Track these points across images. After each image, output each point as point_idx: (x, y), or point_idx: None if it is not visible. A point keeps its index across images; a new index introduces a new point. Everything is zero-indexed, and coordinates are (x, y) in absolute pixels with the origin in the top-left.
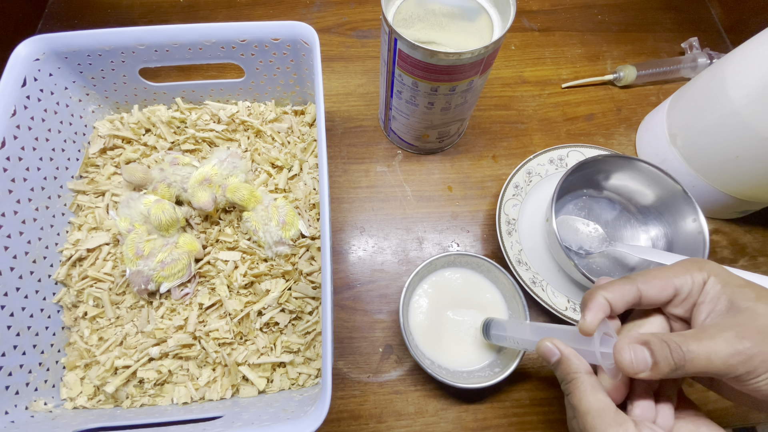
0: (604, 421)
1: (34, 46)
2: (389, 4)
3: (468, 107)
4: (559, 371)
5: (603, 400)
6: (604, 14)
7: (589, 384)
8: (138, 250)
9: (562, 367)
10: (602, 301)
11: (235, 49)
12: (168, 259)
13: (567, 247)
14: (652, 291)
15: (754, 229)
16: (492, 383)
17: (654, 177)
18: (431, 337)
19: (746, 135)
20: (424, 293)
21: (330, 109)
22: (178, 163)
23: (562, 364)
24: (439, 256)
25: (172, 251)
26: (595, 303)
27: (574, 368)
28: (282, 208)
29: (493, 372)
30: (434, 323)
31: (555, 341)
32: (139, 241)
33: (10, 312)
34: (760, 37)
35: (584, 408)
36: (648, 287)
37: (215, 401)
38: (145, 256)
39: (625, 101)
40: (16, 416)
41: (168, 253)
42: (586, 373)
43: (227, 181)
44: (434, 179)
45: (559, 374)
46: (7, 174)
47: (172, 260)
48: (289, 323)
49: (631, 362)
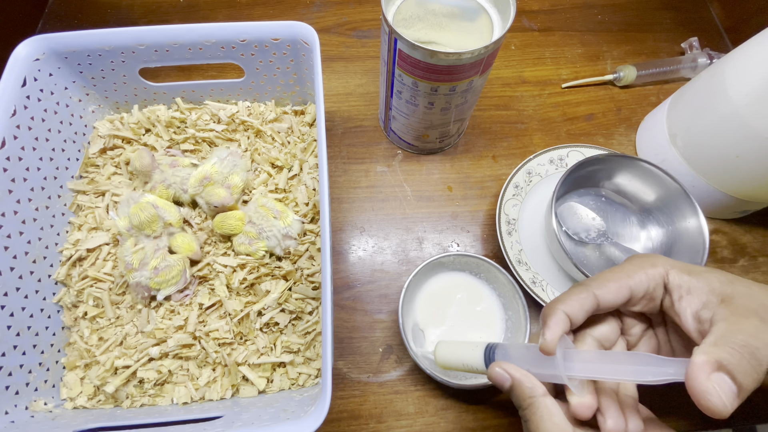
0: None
1: (34, 46)
2: (389, 4)
3: (468, 107)
4: (514, 397)
5: (560, 424)
6: (604, 14)
7: (546, 408)
8: (128, 264)
9: (515, 393)
10: (562, 317)
11: (235, 49)
12: (162, 265)
13: (566, 231)
14: (609, 295)
15: (754, 229)
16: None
17: (654, 177)
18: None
19: (746, 135)
20: (423, 294)
21: (330, 109)
22: (177, 165)
23: (515, 389)
24: (439, 257)
25: (165, 257)
26: (555, 319)
27: (528, 392)
28: (268, 203)
29: None
30: (434, 323)
31: (504, 365)
32: (126, 255)
33: (10, 312)
34: (760, 37)
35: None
36: (603, 292)
37: (215, 401)
38: (137, 268)
39: (625, 101)
40: (16, 416)
41: (161, 259)
42: (542, 396)
43: (228, 180)
44: (434, 179)
45: (514, 400)
46: (7, 174)
47: (166, 266)
48: (289, 323)
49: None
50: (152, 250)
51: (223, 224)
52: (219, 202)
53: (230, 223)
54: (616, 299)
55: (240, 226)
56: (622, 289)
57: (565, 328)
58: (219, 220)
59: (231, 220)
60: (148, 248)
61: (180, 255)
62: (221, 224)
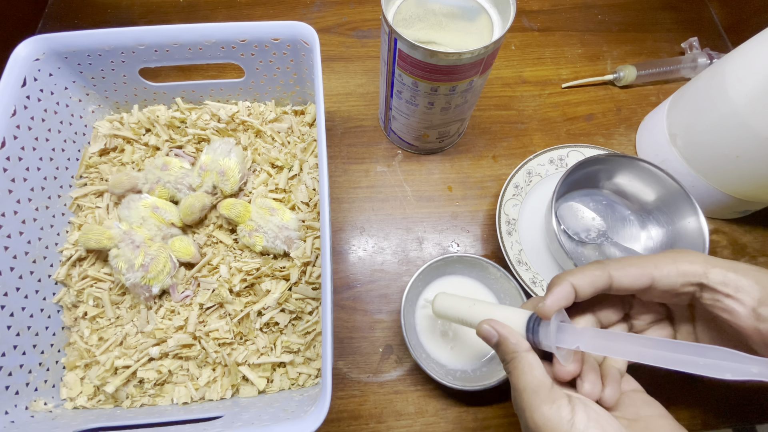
0: (538, 398)
1: (34, 46)
2: (389, 4)
3: (468, 107)
4: (499, 352)
5: (539, 377)
6: (604, 14)
7: (527, 362)
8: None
9: (501, 348)
10: (568, 288)
11: (235, 49)
12: (147, 260)
13: (566, 231)
14: (626, 279)
15: (754, 229)
16: (492, 385)
17: (654, 177)
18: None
19: (746, 135)
20: (424, 295)
21: (330, 109)
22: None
23: (500, 344)
24: (440, 258)
25: (146, 251)
26: (560, 289)
27: (512, 347)
28: (266, 202)
29: (494, 371)
30: (435, 324)
31: (492, 323)
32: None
33: (10, 312)
34: (760, 37)
35: (521, 385)
36: (622, 274)
37: (215, 401)
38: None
39: (625, 101)
40: (16, 416)
41: (143, 255)
42: (525, 351)
43: (222, 163)
44: (434, 179)
45: (500, 354)
46: (7, 174)
47: (151, 259)
48: (289, 323)
49: None
50: (130, 250)
51: (232, 207)
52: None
53: (238, 209)
54: (633, 285)
55: (246, 215)
56: (643, 277)
57: (568, 299)
58: (229, 203)
59: (239, 207)
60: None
61: (159, 243)
62: (230, 207)
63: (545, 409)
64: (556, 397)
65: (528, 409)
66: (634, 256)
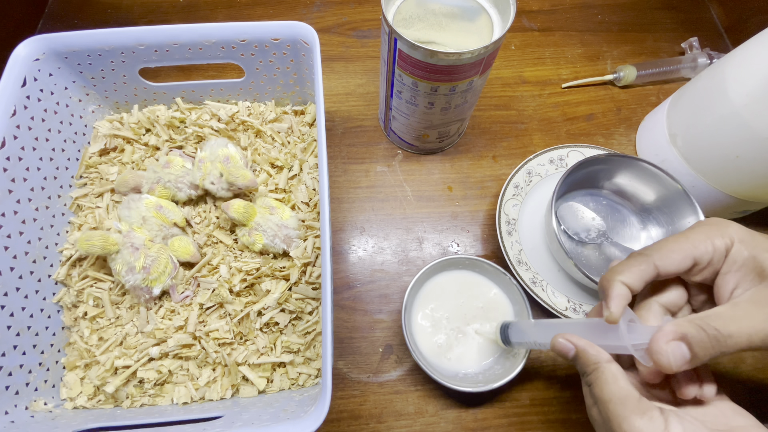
0: (627, 408)
1: (34, 46)
2: (389, 4)
3: (468, 107)
4: (578, 364)
5: (625, 387)
6: (604, 14)
7: (611, 373)
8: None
9: (581, 360)
10: (623, 290)
11: (235, 49)
12: (148, 262)
13: (566, 231)
14: (671, 266)
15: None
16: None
17: (654, 177)
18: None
19: (746, 135)
20: (425, 296)
21: (330, 109)
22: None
23: (579, 357)
24: (441, 260)
25: (146, 253)
26: (616, 291)
27: (593, 359)
28: (266, 201)
29: (495, 372)
30: (435, 325)
31: (567, 336)
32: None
33: (10, 312)
34: (760, 37)
35: (606, 396)
36: (666, 263)
37: (215, 401)
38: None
39: (625, 101)
40: (16, 416)
41: (143, 257)
42: (607, 362)
43: (221, 152)
44: (434, 179)
45: (579, 367)
46: (7, 174)
47: (152, 261)
48: (289, 323)
49: (669, 363)
50: (129, 253)
51: (243, 212)
52: (245, 184)
53: (249, 212)
54: (678, 268)
55: (253, 216)
56: (685, 260)
57: (627, 297)
58: (240, 206)
59: (249, 209)
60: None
61: (158, 245)
62: (242, 211)
63: (635, 420)
64: (647, 408)
65: (615, 420)
66: (673, 237)
